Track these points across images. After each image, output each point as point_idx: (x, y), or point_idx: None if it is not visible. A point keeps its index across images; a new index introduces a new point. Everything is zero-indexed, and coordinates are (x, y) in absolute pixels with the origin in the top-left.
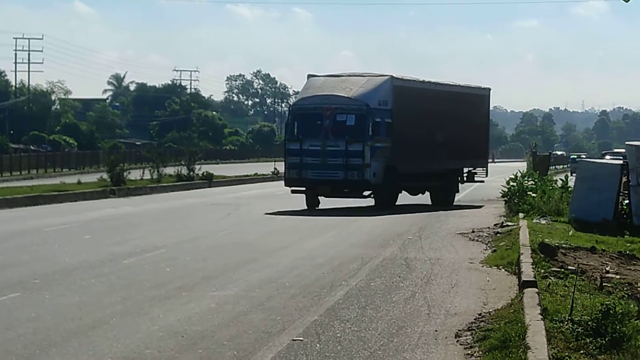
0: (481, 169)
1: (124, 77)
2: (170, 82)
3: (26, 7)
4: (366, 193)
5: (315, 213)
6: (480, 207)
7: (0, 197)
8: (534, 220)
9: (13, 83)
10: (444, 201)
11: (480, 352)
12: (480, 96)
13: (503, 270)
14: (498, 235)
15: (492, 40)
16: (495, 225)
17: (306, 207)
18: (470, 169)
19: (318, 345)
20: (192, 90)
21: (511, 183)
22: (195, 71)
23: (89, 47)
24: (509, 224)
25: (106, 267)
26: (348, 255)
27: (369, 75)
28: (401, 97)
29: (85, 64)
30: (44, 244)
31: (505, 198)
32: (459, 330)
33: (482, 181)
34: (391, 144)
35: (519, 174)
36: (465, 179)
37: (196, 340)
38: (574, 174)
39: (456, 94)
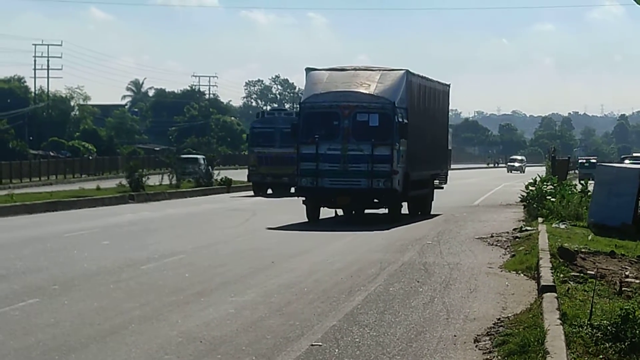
0: (443, 173)
1: (142, 83)
2: (188, 88)
3: (44, 14)
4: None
5: (332, 219)
6: (436, 217)
7: (20, 202)
8: (553, 225)
9: (32, 89)
10: (423, 210)
11: (499, 357)
12: (445, 92)
13: (522, 274)
14: (517, 239)
15: (508, 45)
16: (514, 229)
17: (307, 220)
18: (440, 173)
19: (337, 350)
20: (211, 95)
21: (530, 188)
22: (213, 77)
23: (107, 53)
24: (528, 228)
25: (125, 273)
26: (366, 260)
27: (378, 69)
28: (412, 94)
29: (103, 70)
30: (63, 250)
31: (524, 202)
32: (477, 335)
33: (442, 187)
34: (407, 148)
35: (537, 179)
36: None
37: (215, 346)
38: (583, 181)
39: (434, 90)
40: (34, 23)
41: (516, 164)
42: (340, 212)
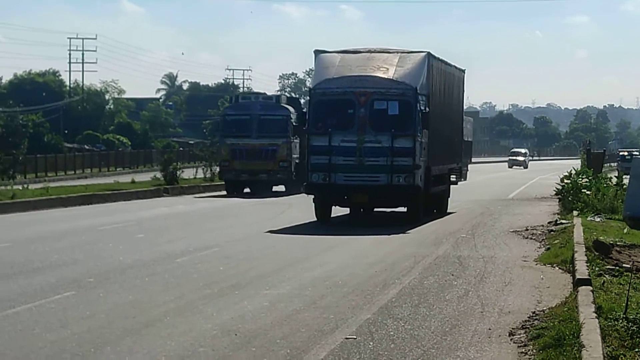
0: (459, 167)
1: (176, 76)
2: (222, 81)
3: (77, 8)
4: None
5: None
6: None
7: (55, 196)
8: (588, 218)
9: (67, 83)
10: (439, 208)
11: (534, 351)
12: (461, 79)
13: (557, 268)
14: (552, 233)
15: (542, 37)
16: (549, 223)
17: (316, 219)
18: (456, 168)
19: (371, 343)
20: (245, 88)
21: (565, 181)
22: (247, 70)
23: (141, 47)
24: (563, 221)
25: (160, 266)
26: (400, 254)
27: (396, 51)
28: (433, 79)
29: (137, 64)
30: (98, 243)
31: (559, 196)
32: (512, 329)
33: (456, 183)
34: (428, 139)
35: (573, 172)
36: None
37: (250, 339)
38: (622, 175)
39: (452, 75)
40: (68, 17)
41: (519, 158)
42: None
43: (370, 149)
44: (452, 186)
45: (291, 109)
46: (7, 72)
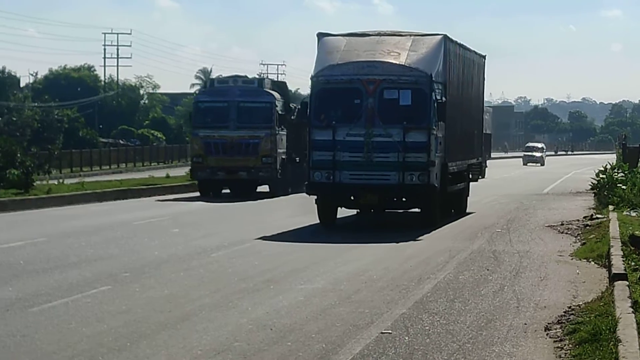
0: (479, 163)
1: (211, 71)
2: (257, 76)
3: (112, 3)
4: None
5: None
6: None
7: (91, 191)
8: (624, 213)
9: (102, 78)
10: (457, 208)
11: (570, 346)
12: (481, 65)
13: (593, 263)
14: (587, 227)
15: (576, 31)
16: (584, 217)
17: (319, 222)
18: (475, 163)
19: (407, 338)
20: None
21: (600, 175)
22: (281, 65)
23: (174, 41)
24: (599, 216)
25: (195, 261)
26: (435, 248)
27: (409, 34)
28: (450, 65)
29: (171, 59)
30: (134, 238)
31: (595, 190)
32: (548, 324)
33: (476, 180)
34: (445, 132)
35: (608, 166)
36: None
37: (285, 333)
38: None
39: (471, 61)
40: (103, 12)
41: (535, 154)
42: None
43: (380, 143)
44: (482, 181)
45: (276, 94)
46: (42, 68)
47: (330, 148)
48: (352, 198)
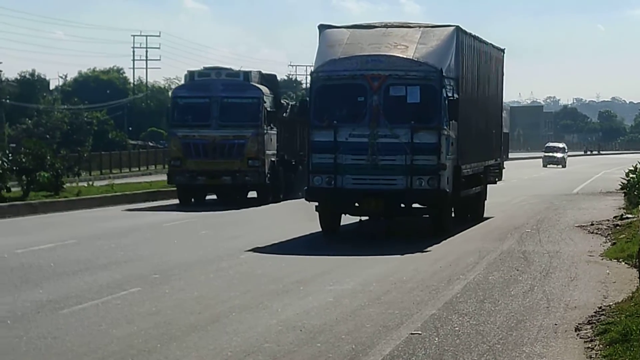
0: (497, 164)
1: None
2: (285, 78)
3: (140, 6)
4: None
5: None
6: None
7: (120, 193)
8: None
9: (131, 80)
10: (474, 213)
11: (601, 346)
12: (499, 60)
13: (623, 263)
14: (617, 227)
15: (604, 31)
16: (614, 217)
17: (321, 230)
18: (494, 165)
19: (436, 339)
20: (308, 85)
21: (630, 175)
22: (310, 66)
23: (202, 43)
24: (629, 216)
25: (224, 262)
26: (465, 249)
27: (418, 25)
28: (464, 59)
29: (200, 61)
30: (163, 239)
31: (625, 190)
32: (579, 324)
33: (495, 182)
34: (458, 132)
35: (638, 166)
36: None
37: (315, 334)
38: None
39: (488, 56)
40: (132, 14)
41: (557, 155)
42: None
43: (385, 145)
44: (511, 182)
45: (265, 89)
46: (72, 70)
47: (332, 150)
48: (356, 205)
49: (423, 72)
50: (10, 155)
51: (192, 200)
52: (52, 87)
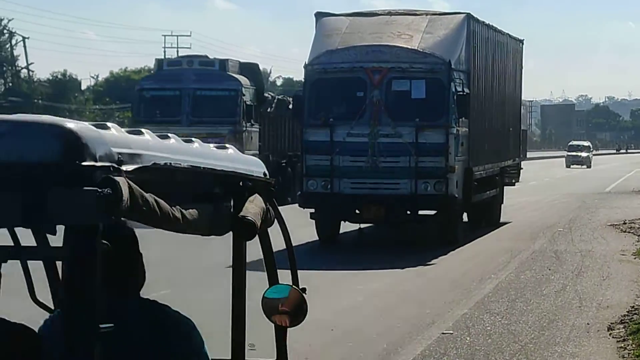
0: (515, 165)
1: (270, 72)
2: None
3: (170, 5)
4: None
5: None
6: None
7: None
8: None
9: None
10: (489, 218)
11: (634, 345)
12: (518, 51)
13: None
14: None
15: (635, 28)
16: None
17: (318, 239)
18: (511, 166)
19: (468, 338)
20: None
21: None
22: None
23: (232, 42)
24: None
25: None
26: (496, 248)
27: (425, 13)
28: (475, 51)
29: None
30: (190, 243)
31: None
32: (611, 323)
33: (513, 184)
34: (469, 131)
35: None
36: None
37: (346, 334)
38: None
39: (504, 46)
40: (162, 14)
41: (582, 154)
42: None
43: (387, 145)
44: (543, 180)
45: (244, 80)
46: (103, 70)
47: (328, 151)
48: (357, 212)
49: (429, 65)
50: None
51: None
52: (83, 87)
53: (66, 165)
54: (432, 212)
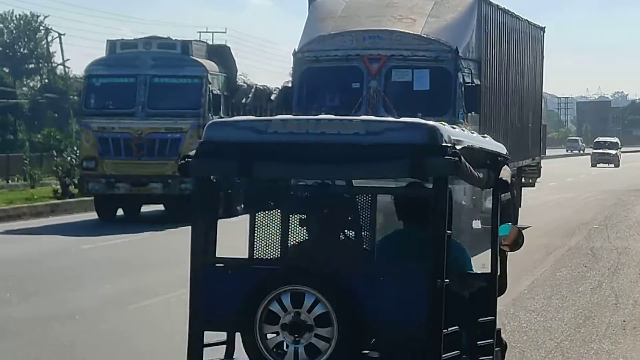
0: (535, 164)
1: None
2: None
3: (205, 1)
4: None
5: None
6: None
7: None
8: None
9: None
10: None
11: None
12: (538, 40)
13: None
14: None
15: None
16: None
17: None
18: (530, 165)
19: (504, 335)
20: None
21: None
22: None
23: (268, 39)
24: None
25: None
26: (532, 245)
27: None
28: (487, 37)
29: (266, 57)
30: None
31: None
32: None
33: (532, 184)
34: (480, 127)
35: None
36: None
37: None
38: None
39: (521, 34)
40: (198, 11)
41: (610, 152)
42: None
43: None
44: (579, 177)
45: (212, 65)
46: None
47: None
48: None
49: (434, 52)
50: (77, 150)
51: (121, 213)
52: None
53: (433, 144)
54: None
